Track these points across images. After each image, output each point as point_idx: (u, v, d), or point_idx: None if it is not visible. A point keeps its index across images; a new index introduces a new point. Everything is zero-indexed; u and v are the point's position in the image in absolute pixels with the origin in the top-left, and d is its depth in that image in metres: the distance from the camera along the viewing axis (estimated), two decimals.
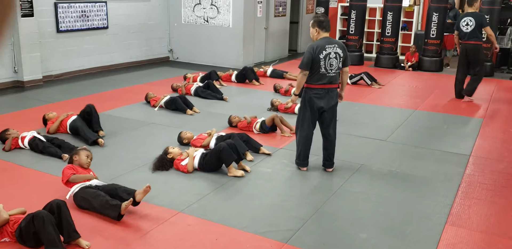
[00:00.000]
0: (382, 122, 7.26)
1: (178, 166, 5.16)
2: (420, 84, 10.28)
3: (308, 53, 4.85)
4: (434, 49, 11.74)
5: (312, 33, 4.98)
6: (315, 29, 4.93)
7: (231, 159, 5.00)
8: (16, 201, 4.20)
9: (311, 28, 4.99)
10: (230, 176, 5.01)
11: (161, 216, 4.12)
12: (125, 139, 6.24)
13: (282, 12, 13.23)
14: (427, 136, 6.66)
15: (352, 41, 12.59)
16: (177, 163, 5.17)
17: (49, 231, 3.42)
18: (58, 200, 3.67)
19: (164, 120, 7.12)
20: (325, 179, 5.04)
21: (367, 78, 9.85)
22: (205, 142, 5.74)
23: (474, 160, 5.72)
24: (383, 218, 4.18)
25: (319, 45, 4.84)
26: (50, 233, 3.42)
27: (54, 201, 3.64)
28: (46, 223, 3.42)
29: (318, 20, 4.92)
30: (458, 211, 4.36)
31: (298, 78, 5.00)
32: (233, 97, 8.56)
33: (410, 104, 8.44)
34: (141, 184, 4.79)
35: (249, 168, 5.20)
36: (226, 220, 4.08)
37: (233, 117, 6.76)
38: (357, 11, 12.38)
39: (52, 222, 3.47)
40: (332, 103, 5.01)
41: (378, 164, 5.52)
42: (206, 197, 4.52)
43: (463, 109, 8.20)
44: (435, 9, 11.50)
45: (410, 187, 4.89)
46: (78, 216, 4.01)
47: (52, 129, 6.24)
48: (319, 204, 4.41)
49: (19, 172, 5.11)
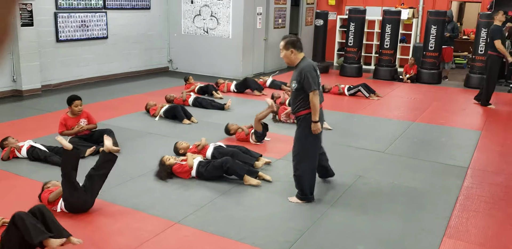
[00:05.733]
0: (380, 134, 7.26)
1: (177, 170, 5.17)
2: (419, 96, 10.31)
3: (313, 72, 4.47)
4: (432, 62, 11.79)
5: (287, 55, 4.55)
6: (290, 50, 4.51)
7: (244, 171, 5.03)
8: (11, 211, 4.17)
9: (284, 51, 4.55)
10: (228, 186, 4.99)
11: (157, 227, 4.10)
12: (122, 148, 6.22)
13: (281, 24, 13.30)
14: (425, 147, 6.66)
15: (351, 53, 12.64)
16: (176, 168, 5.18)
17: (32, 223, 3.38)
18: (38, 205, 3.65)
19: (161, 130, 7.11)
20: (323, 190, 5.02)
21: (365, 90, 9.87)
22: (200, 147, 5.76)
23: (472, 172, 5.72)
24: (380, 230, 4.16)
25: (315, 64, 4.59)
26: (33, 225, 3.37)
27: (34, 207, 3.62)
28: (27, 218, 3.38)
29: (291, 40, 4.55)
30: (456, 223, 4.35)
31: (314, 100, 4.43)
32: (232, 107, 8.57)
33: (408, 116, 8.45)
34: (138, 193, 4.78)
35: (269, 177, 5.19)
36: (223, 231, 4.06)
37: (230, 125, 6.76)
38: (356, 23, 12.45)
39: (33, 219, 3.43)
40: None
41: (376, 175, 5.51)
42: (203, 208, 4.50)
43: (461, 122, 8.22)
44: (433, 22, 11.57)
45: (408, 199, 4.88)
46: (72, 227, 3.98)
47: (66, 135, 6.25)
48: (317, 216, 4.39)
49: (16, 181, 5.09)
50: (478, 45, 11.20)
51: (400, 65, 13.23)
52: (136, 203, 4.59)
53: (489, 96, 9.30)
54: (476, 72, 11.24)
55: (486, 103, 9.30)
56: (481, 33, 11.03)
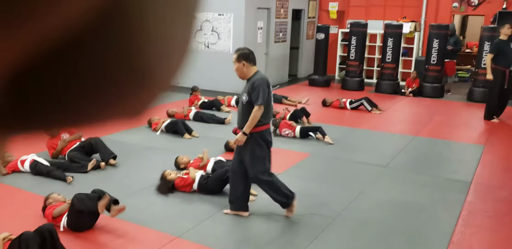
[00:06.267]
0: (382, 148, 7.23)
1: (179, 184, 5.14)
2: (421, 110, 10.29)
3: (265, 87, 4.39)
4: (435, 76, 11.79)
5: (239, 68, 4.48)
6: (242, 63, 4.44)
7: None
8: (13, 225, 4.15)
9: (236, 63, 4.47)
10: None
11: (158, 241, 4.07)
12: (123, 163, 6.20)
13: (282, 38, 13.36)
14: (428, 162, 6.62)
15: (352, 67, 12.66)
16: (178, 182, 5.16)
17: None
18: (48, 225, 3.65)
19: (163, 144, 7.10)
20: (324, 205, 4.98)
21: (367, 104, 9.87)
22: (202, 163, 5.74)
23: (475, 187, 5.67)
24: (382, 246, 4.12)
25: (267, 78, 4.49)
26: None
27: (44, 226, 3.62)
28: (31, 243, 3.40)
29: (243, 53, 4.47)
30: (459, 239, 4.30)
31: (256, 115, 4.30)
32: (232, 121, 8.56)
33: (410, 131, 8.42)
34: (139, 208, 4.75)
35: (255, 192, 5.15)
36: (223, 246, 4.02)
37: (230, 141, 6.76)
38: (358, 37, 12.50)
39: (38, 242, 3.44)
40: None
41: (378, 190, 5.47)
42: (204, 222, 4.47)
43: (464, 136, 8.18)
44: (435, 36, 11.60)
45: (410, 214, 4.83)
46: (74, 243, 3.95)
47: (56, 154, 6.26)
48: (318, 231, 4.35)
49: (18, 195, 5.07)
50: (481, 58, 11.18)
51: (402, 79, 13.24)
52: (137, 217, 4.55)
53: (492, 110, 9.23)
54: (479, 86, 11.22)
55: (489, 117, 9.25)
56: (484, 46, 11.01)
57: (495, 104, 9.23)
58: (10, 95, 0.24)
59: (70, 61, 0.24)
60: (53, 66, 0.24)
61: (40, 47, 0.23)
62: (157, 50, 0.27)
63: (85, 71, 0.24)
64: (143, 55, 0.26)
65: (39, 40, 0.22)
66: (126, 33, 0.24)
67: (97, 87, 0.25)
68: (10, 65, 0.23)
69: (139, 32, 0.25)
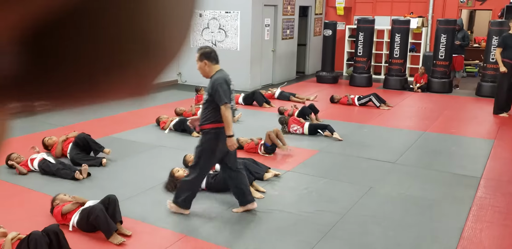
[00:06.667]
0: (391, 144, 7.19)
1: None
2: (429, 105, 10.23)
3: (225, 85, 4.34)
4: (443, 71, 11.72)
5: (201, 67, 4.44)
6: (204, 62, 4.38)
7: (250, 181, 5.00)
8: (23, 225, 4.17)
9: (198, 62, 4.43)
10: None
11: (167, 240, 4.08)
12: (132, 161, 6.23)
13: (289, 34, 13.34)
14: (437, 158, 6.58)
15: (360, 63, 12.61)
16: None
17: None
18: (54, 226, 3.67)
19: (171, 143, 7.12)
20: (333, 202, 4.97)
21: (376, 100, 9.83)
22: None
23: (485, 182, 5.63)
24: (392, 242, 4.10)
25: (228, 77, 4.44)
26: None
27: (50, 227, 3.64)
28: (39, 244, 3.42)
29: (205, 52, 4.41)
30: (470, 234, 4.27)
31: (226, 115, 4.31)
32: (240, 119, 8.56)
33: (419, 126, 8.38)
34: (148, 206, 4.76)
35: (263, 188, 5.17)
36: (232, 243, 4.02)
37: (240, 138, 6.75)
38: (365, 33, 12.45)
39: (47, 242, 3.46)
40: None
41: (387, 186, 5.45)
42: (212, 220, 4.47)
43: (473, 131, 8.13)
44: (443, 31, 11.53)
45: (420, 210, 4.81)
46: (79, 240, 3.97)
47: (58, 153, 6.27)
48: (328, 228, 4.34)
49: (27, 195, 5.10)
50: (489, 53, 11.09)
51: (410, 75, 13.17)
52: (145, 215, 4.57)
53: (501, 104, 9.17)
54: (488, 80, 11.14)
55: (498, 111, 9.19)
56: (492, 41, 10.91)
57: (504, 99, 9.17)
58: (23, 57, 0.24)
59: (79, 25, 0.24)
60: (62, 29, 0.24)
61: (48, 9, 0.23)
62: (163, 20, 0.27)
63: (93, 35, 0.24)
64: (149, 23, 0.26)
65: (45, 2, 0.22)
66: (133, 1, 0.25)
67: (105, 52, 0.25)
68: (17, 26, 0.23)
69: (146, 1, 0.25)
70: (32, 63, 0.25)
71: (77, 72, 0.26)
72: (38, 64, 0.25)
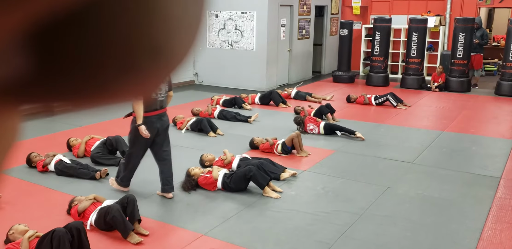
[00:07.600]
0: (409, 144, 7.14)
1: (202, 181, 5.17)
2: (447, 105, 10.13)
3: None
4: (461, 70, 11.59)
5: None
6: None
7: (266, 181, 5.01)
8: (43, 224, 4.23)
9: None
10: (254, 198, 4.97)
11: (184, 239, 4.10)
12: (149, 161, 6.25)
13: (305, 34, 13.31)
14: (456, 157, 6.51)
15: (377, 63, 12.53)
16: (201, 179, 5.19)
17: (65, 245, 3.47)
18: (77, 222, 3.71)
19: (187, 142, 7.14)
20: (350, 202, 4.95)
21: (393, 99, 9.76)
22: (226, 161, 5.77)
23: (505, 182, 5.56)
24: (410, 243, 4.07)
25: None
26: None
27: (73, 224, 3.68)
28: (62, 242, 3.46)
29: None
30: (489, 235, 4.22)
31: (137, 106, 4.70)
32: (256, 119, 8.56)
33: (437, 126, 8.30)
34: (165, 206, 4.79)
35: (280, 188, 5.17)
36: (249, 243, 4.03)
37: (255, 138, 6.76)
38: (382, 32, 12.37)
39: (69, 240, 3.50)
40: (165, 126, 5.03)
41: (405, 186, 5.40)
42: (229, 220, 4.48)
43: (492, 130, 8.03)
44: (461, 29, 11.41)
45: (438, 210, 4.76)
46: (97, 239, 4.00)
47: (81, 152, 6.34)
48: (344, 228, 4.32)
49: (46, 194, 5.16)
50: (508, 51, 10.95)
51: (427, 74, 13.05)
52: (162, 215, 4.60)
53: None
54: (507, 79, 11.00)
55: None
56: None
57: None
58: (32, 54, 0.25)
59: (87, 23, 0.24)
60: (71, 28, 0.24)
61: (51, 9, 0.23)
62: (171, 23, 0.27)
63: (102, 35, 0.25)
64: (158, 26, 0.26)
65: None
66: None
67: (113, 53, 0.25)
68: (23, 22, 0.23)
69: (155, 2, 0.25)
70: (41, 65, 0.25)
71: (88, 74, 0.26)
72: (47, 66, 0.25)
